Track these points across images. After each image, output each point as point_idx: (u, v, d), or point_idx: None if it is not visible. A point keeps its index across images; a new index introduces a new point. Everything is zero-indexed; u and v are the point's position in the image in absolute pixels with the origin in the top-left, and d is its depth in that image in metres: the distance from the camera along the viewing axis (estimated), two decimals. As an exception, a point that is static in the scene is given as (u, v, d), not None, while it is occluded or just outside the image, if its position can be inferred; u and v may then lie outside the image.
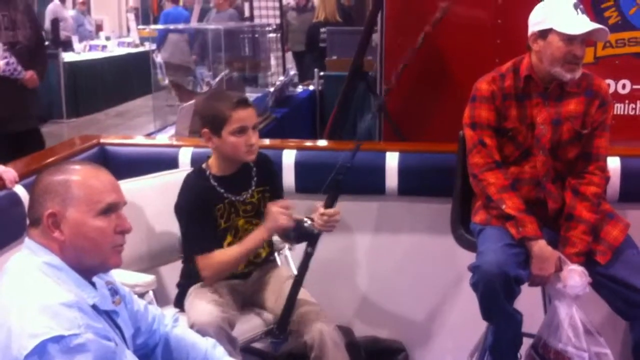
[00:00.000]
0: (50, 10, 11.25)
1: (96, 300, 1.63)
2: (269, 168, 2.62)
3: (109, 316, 1.69)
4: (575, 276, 2.33)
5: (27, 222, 1.67)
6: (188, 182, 2.50)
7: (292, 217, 2.42)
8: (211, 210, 2.45)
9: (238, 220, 2.50)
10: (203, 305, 2.35)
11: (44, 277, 1.57)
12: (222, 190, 2.47)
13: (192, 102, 4.32)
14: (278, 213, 2.38)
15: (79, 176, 1.63)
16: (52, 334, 1.46)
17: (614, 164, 2.81)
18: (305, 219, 2.44)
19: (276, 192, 2.61)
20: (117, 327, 1.71)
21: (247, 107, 2.44)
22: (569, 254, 2.38)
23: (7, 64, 4.19)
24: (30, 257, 1.61)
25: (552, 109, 2.50)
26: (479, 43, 3.58)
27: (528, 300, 2.50)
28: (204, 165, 2.52)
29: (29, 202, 1.67)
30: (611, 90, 3.42)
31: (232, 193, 2.49)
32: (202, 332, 2.12)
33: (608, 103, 2.54)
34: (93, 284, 1.67)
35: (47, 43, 10.42)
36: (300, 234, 2.41)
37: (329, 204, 2.42)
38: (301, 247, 2.51)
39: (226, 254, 2.43)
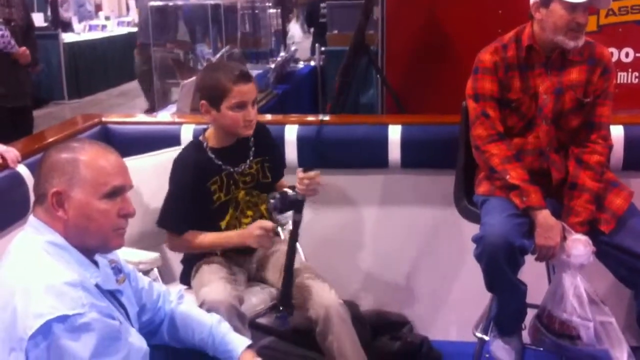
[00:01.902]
0: None
1: (99, 280, 1.63)
2: (267, 138, 2.60)
3: (113, 295, 1.69)
4: (579, 245, 2.33)
5: (32, 198, 1.67)
6: (183, 154, 2.50)
7: (272, 239, 2.43)
8: (204, 186, 2.44)
9: (238, 192, 2.50)
10: (213, 282, 2.34)
11: (47, 256, 1.57)
12: (219, 162, 2.46)
13: (192, 79, 4.30)
14: (260, 236, 2.38)
15: (88, 156, 1.61)
16: (57, 314, 1.46)
17: (617, 132, 2.79)
18: (288, 188, 2.42)
19: (276, 162, 2.61)
20: (121, 305, 1.71)
21: (248, 82, 2.40)
22: (572, 223, 2.37)
23: (2, 36, 4.19)
24: (33, 235, 1.61)
25: (555, 78, 2.48)
26: (480, 13, 3.55)
27: (532, 271, 2.50)
28: (201, 138, 2.51)
29: (35, 178, 1.66)
30: (614, 58, 3.40)
31: (230, 164, 2.48)
32: (213, 310, 2.12)
33: (610, 71, 2.52)
34: (96, 263, 1.68)
35: (46, 24, 10.44)
36: (286, 203, 2.39)
37: (308, 168, 2.40)
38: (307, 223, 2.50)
39: (203, 240, 2.45)
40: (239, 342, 1.90)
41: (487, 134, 2.49)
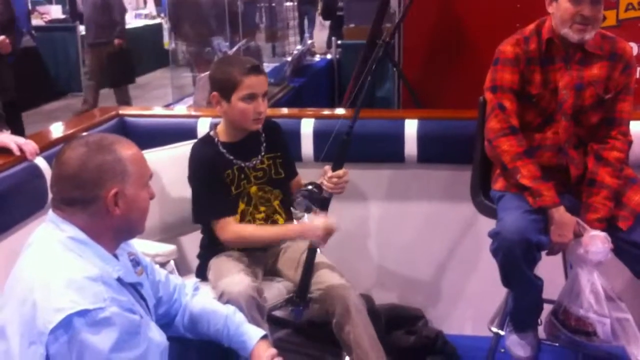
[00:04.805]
0: None
1: (121, 273, 1.64)
2: (278, 135, 2.61)
3: (134, 288, 1.70)
4: (597, 242, 2.31)
5: (50, 190, 1.67)
6: (196, 149, 2.52)
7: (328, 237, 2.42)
8: (221, 176, 2.46)
9: (250, 187, 2.51)
10: (232, 274, 2.34)
11: (67, 251, 1.58)
12: (230, 157, 2.48)
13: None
14: (320, 234, 2.37)
15: (127, 152, 1.65)
16: (78, 308, 1.47)
17: (637, 128, 2.75)
18: (314, 185, 2.43)
19: (288, 159, 2.62)
20: (142, 298, 1.73)
21: (259, 74, 2.42)
22: (590, 220, 2.36)
23: None
24: (54, 231, 1.62)
25: (575, 72, 2.45)
26: (499, 7, 3.53)
27: (549, 266, 2.49)
28: (211, 133, 2.54)
29: (73, 183, 1.59)
30: (634, 53, 3.36)
31: (241, 159, 2.49)
32: (233, 302, 2.12)
33: (632, 66, 2.49)
34: (116, 257, 1.69)
35: (64, 16, 10.48)
36: (313, 200, 2.40)
37: (337, 166, 2.41)
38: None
39: (256, 232, 2.47)
40: (254, 332, 1.91)
41: (499, 127, 2.45)
